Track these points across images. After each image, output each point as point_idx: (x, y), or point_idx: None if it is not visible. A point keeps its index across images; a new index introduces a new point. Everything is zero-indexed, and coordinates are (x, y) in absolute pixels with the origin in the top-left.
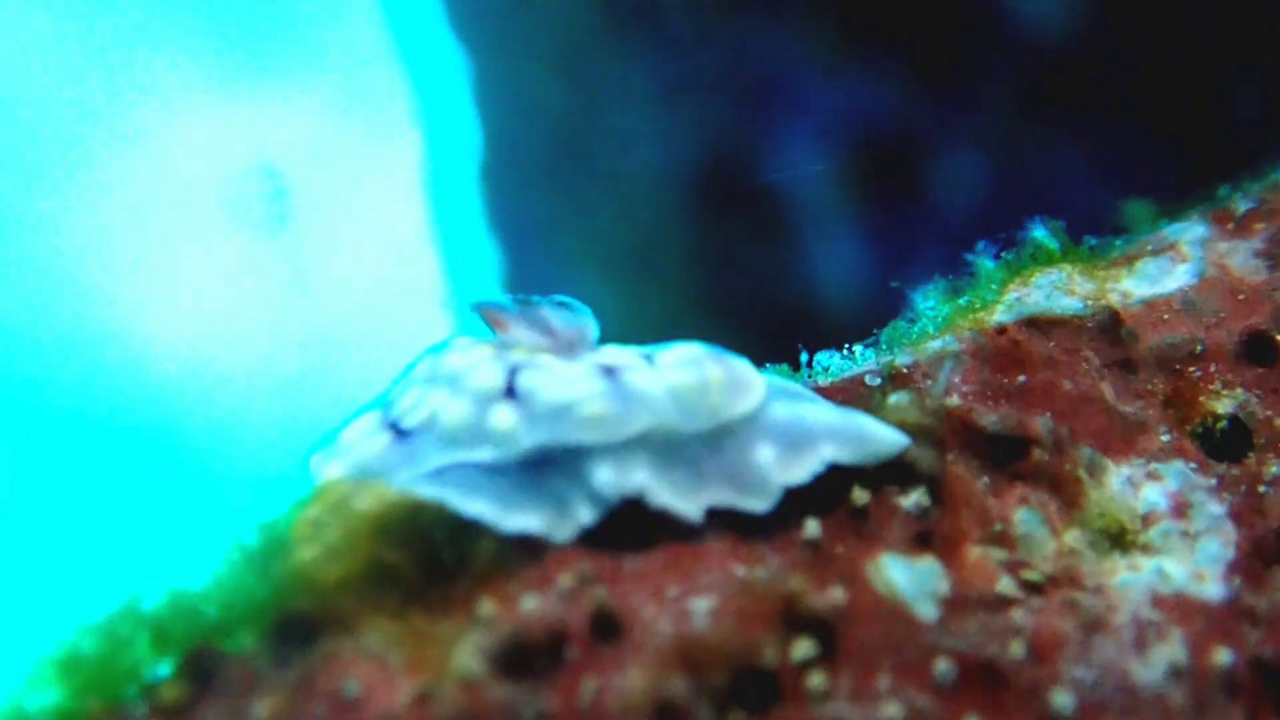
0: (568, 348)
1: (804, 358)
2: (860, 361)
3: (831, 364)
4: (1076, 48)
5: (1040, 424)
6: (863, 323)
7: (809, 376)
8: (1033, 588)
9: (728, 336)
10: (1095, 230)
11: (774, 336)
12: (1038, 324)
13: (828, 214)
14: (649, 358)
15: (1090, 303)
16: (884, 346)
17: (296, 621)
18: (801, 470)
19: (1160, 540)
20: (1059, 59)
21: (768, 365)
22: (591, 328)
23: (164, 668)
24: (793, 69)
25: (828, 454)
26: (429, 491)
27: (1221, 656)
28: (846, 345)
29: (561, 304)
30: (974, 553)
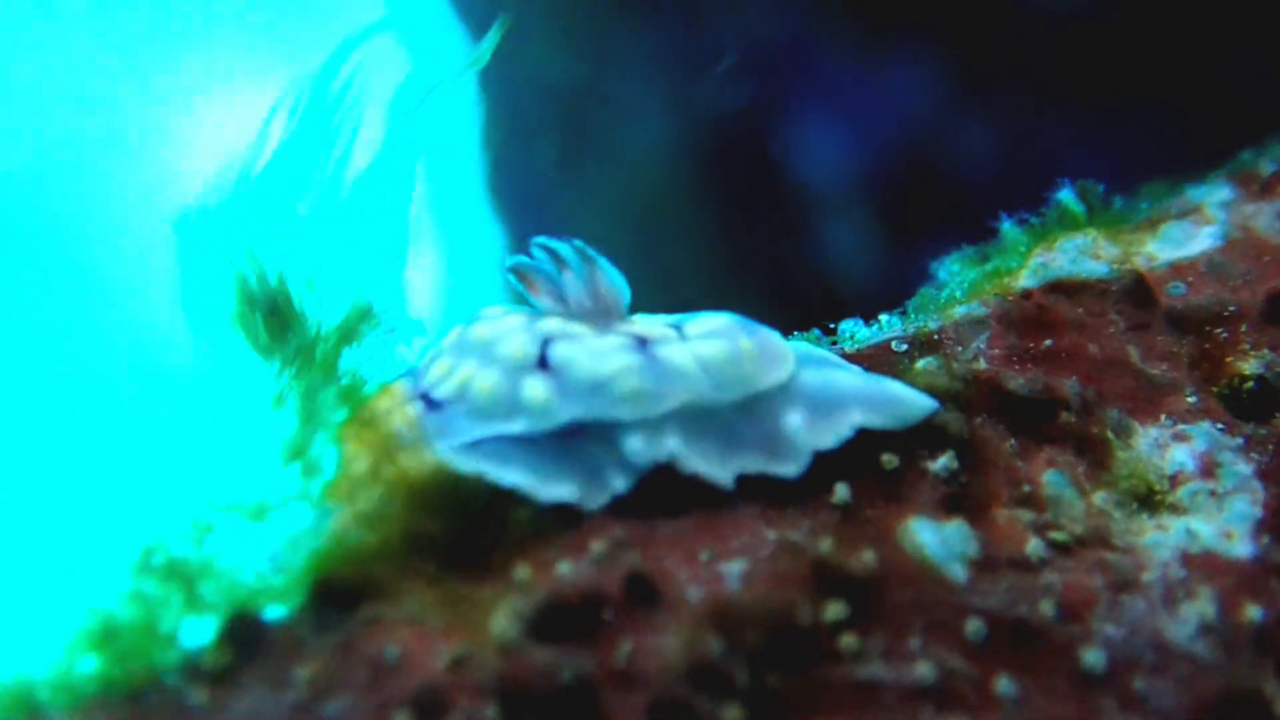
0: (601, 315)
1: (819, 328)
2: (886, 329)
3: (857, 332)
4: (1088, 22)
5: (1068, 386)
6: (877, 302)
7: (834, 344)
8: (1062, 548)
9: (738, 311)
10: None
11: (785, 312)
12: (1063, 288)
13: (841, 191)
14: (678, 327)
15: (1116, 266)
16: (910, 314)
17: (336, 588)
18: (831, 435)
19: (1188, 500)
20: (1071, 34)
21: (795, 333)
22: (624, 295)
23: (205, 634)
24: (803, 41)
25: (857, 419)
26: (465, 464)
27: (1251, 613)
28: (859, 314)
29: (590, 259)
30: (1003, 514)
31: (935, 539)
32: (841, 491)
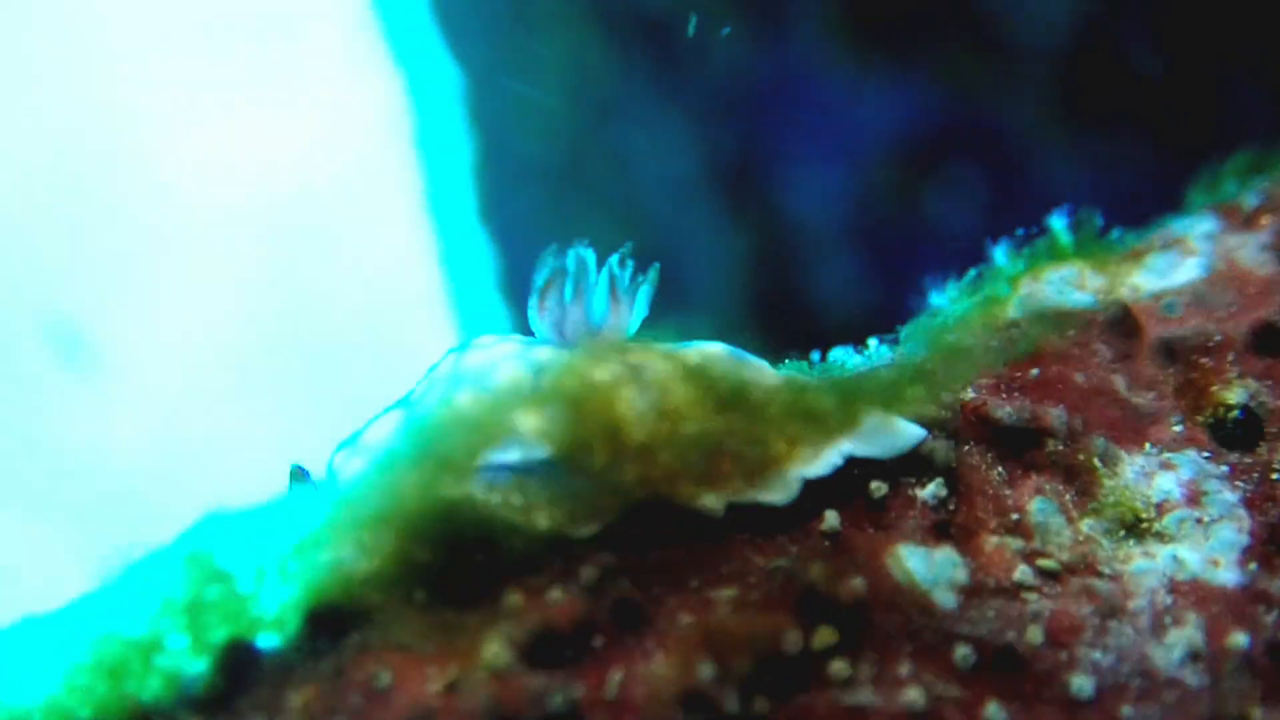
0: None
1: (815, 355)
2: (875, 357)
3: (847, 360)
4: (1081, 52)
5: (1054, 415)
6: (868, 329)
7: (823, 373)
8: (1050, 575)
9: (729, 340)
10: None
11: (778, 343)
12: (1049, 318)
13: (834, 224)
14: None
15: (1101, 297)
16: (901, 342)
17: (329, 615)
18: (820, 464)
19: (1175, 528)
20: (1065, 63)
21: (786, 361)
22: (630, 329)
23: (199, 663)
24: (797, 80)
25: (846, 447)
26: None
27: (1238, 640)
28: (853, 344)
29: (617, 292)
30: (991, 542)
31: (924, 566)
32: (831, 519)
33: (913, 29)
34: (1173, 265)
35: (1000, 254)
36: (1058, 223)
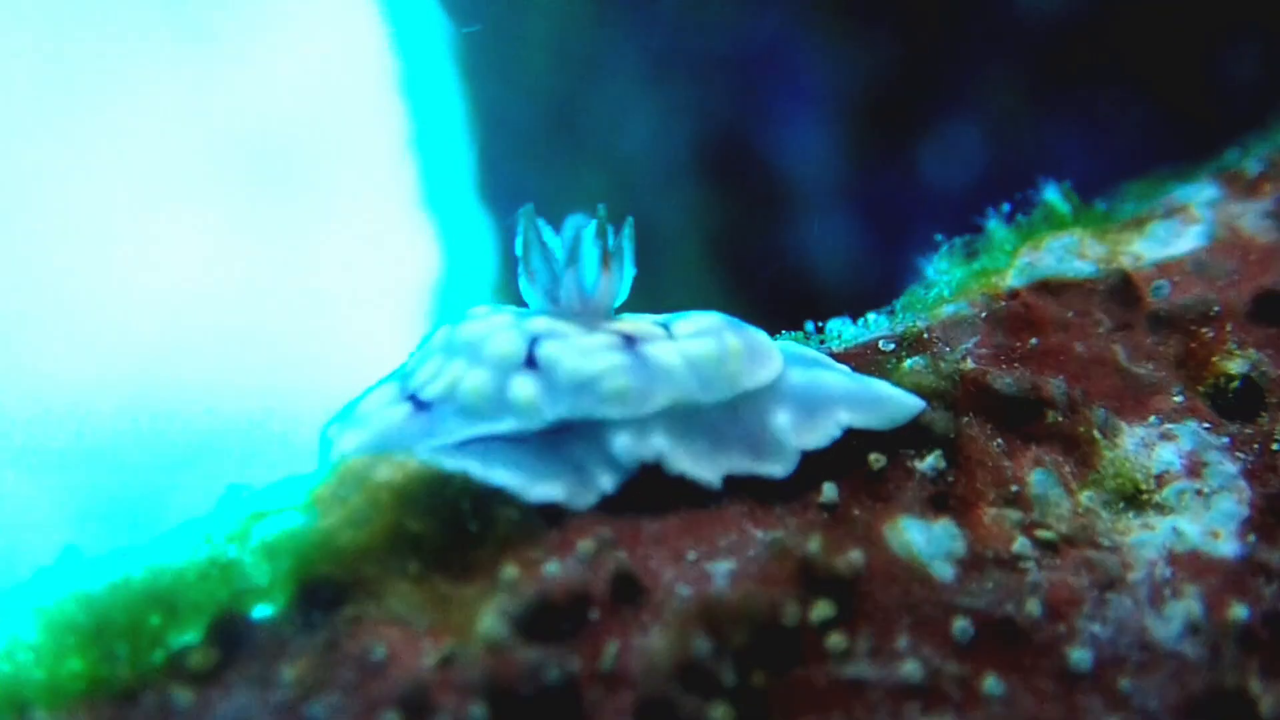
0: (589, 313)
1: (810, 325)
2: (873, 328)
3: (844, 331)
4: (1075, 16)
5: (1054, 386)
6: (859, 296)
7: (821, 343)
8: (1048, 547)
9: (725, 310)
10: (1101, 195)
11: (770, 311)
12: (1049, 287)
13: (826, 188)
14: (666, 326)
15: (1102, 265)
16: (898, 313)
17: (322, 587)
18: (818, 435)
19: (1175, 499)
20: (1057, 28)
21: (783, 332)
22: (619, 295)
23: (190, 634)
24: (787, 42)
25: (844, 419)
26: (452, 463)
27: (1237, 611)
28: (846, 312)
29: (608, 256)
30: (989, 514)
31: (923, 538)
32: (829, 491)
33: None
34: (1175, 233)
35: (995, 223)
36: (1051, 194)
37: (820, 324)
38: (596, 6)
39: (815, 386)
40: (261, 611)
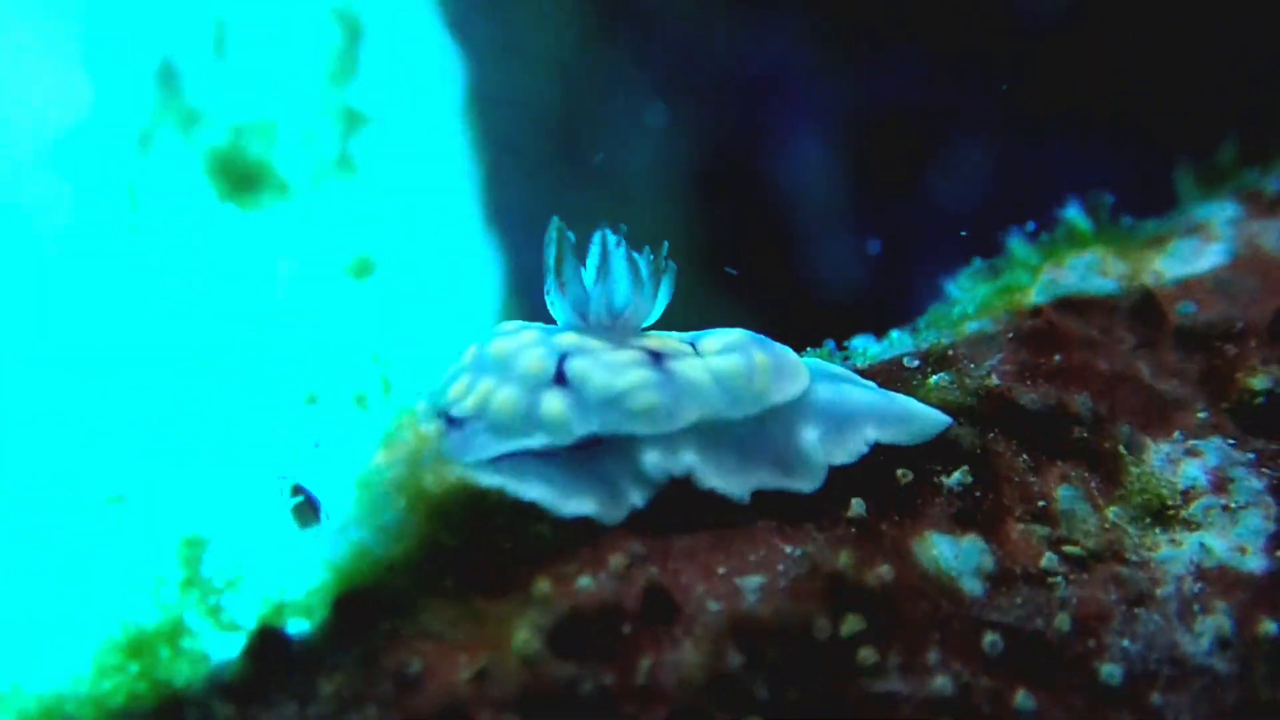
0: (617, 330)
1: (830, 343)
2: (896, 345)
3: (869, 347)
4: (1076, 41)
5: (1079, 402)
6: (865, 315)
7: (845, 360)
8: (1076, 562)
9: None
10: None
11: (773, 330)
12: (1073, 304)
13: (828, 209)
14: (693, 343)
15: (1124, 283)
16: (921, 330)
17: (359, 602)
18: (846, 451)
19: (1201, 515)
20: (1058, 53)
21: (809, 349)
22: (650, 314)
23: (229, 649)
24: (788, 65)
25: (871, 435)
26: (487, 479)
27: (1267, 626)
28: (852, 331)
29: (647, 279)
30: (1017, 529)
31: (951, 553)
32: (857, 506)
33: (906, 10)
34: (1196, 251)
35: (1016, 241)
36: (1073, 212)
37: (844, 342)
38: (601, 28)
39: (842, 402)
40: (299, 626)
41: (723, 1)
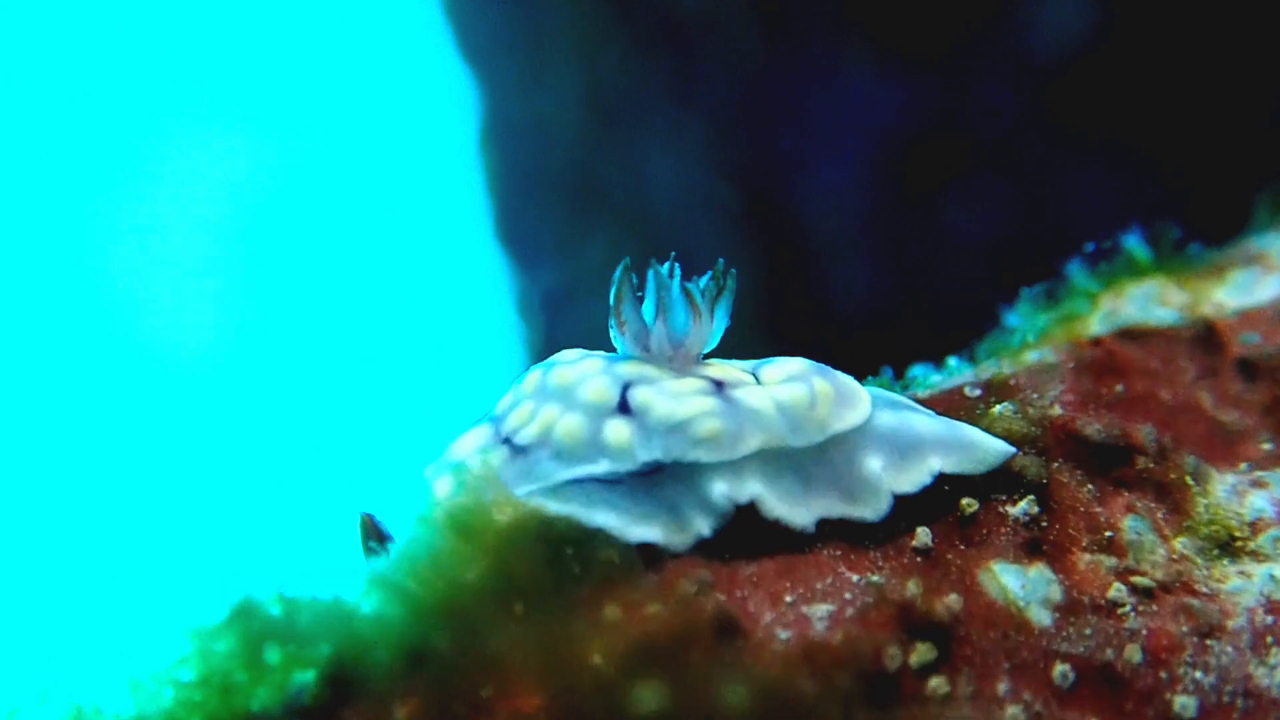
0: (679, 359)
1: (888, 372)
2: (955, 374)
3: (928, 376)
4: (1100, 65)
5: (1144, 432)
6: (887, 342)
7: (904, 388)
8: (1145, 593)
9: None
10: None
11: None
12: (1133, 335)
13: (852, 235)
14: (754, 372)
15: (1185, 313)
16: (980, 359)
17: (428, 628)
18: (910, 480)
19: (1270, 546)
20: (1083, 76)
21: (869, 378)
22: (709, 343)
23: (306, 674)
24: (812, 92)
25: (936, 464)
26: (555, 506)
27: None
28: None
29: (699, 309)
30: (1084, 559)
31: (1018, 583)
32: (923, 535)
33: (926, 32)
34: (1255, 281)
35: (1075, 269)
36: (1133, 241)
37: (903, 371)
38: (624, 51)
39: (905, 430)
40: (372, 651)
41: (755, 28)
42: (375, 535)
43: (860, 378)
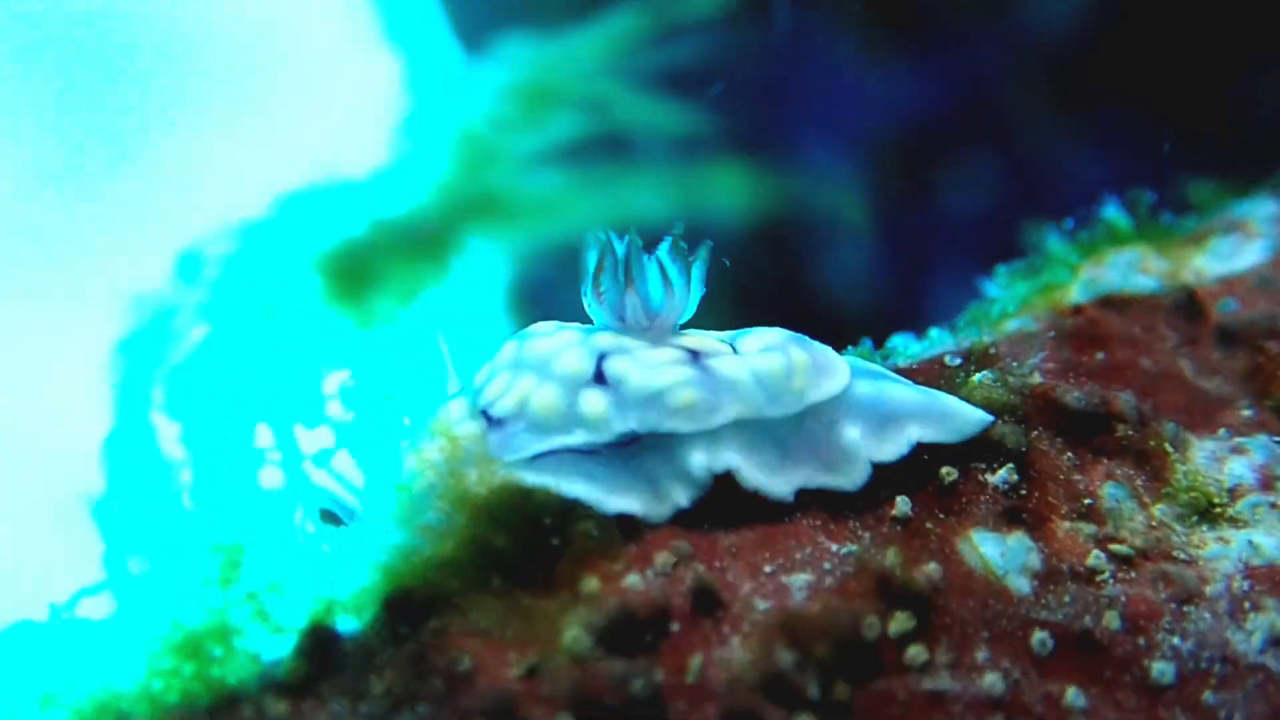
0: (655, 330)
1: (868, 342)
2: (936, 344)
3: (909, 346)
4: (1098, 42)
5: (1123, 400)
6: (885, 322)
7: (885, 359)
8: (1124, 560)
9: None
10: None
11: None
12: (1114, 302)
13: (848, 217)
14: (731, 343)
15: (1165, 281)
16: (961, 328)
17: (407, 600)
18: (890, 449)
19: (1249, 512)
20: (1079, 53)
21: (849, 348)
22: (684, 313)
23: (281, 647)
24: (811, 77)
25: (914, 433)
26: (532, 478)
27: None
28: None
29: (672, 279)
30: (1063, 527)
31: (997, 551)
32: (903, 504)
33: (927, 15)
34: (1236, 249)
35: (1054, 238)
36: (1111, 209)
37: (883, 342)
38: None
39: (884, 400)
40: (349, 624)
41: (746, 4)
42: (332, 521)
43: (839, 348)
